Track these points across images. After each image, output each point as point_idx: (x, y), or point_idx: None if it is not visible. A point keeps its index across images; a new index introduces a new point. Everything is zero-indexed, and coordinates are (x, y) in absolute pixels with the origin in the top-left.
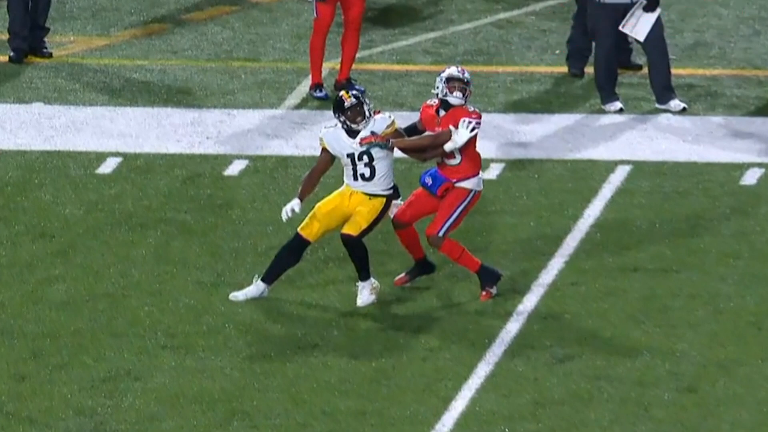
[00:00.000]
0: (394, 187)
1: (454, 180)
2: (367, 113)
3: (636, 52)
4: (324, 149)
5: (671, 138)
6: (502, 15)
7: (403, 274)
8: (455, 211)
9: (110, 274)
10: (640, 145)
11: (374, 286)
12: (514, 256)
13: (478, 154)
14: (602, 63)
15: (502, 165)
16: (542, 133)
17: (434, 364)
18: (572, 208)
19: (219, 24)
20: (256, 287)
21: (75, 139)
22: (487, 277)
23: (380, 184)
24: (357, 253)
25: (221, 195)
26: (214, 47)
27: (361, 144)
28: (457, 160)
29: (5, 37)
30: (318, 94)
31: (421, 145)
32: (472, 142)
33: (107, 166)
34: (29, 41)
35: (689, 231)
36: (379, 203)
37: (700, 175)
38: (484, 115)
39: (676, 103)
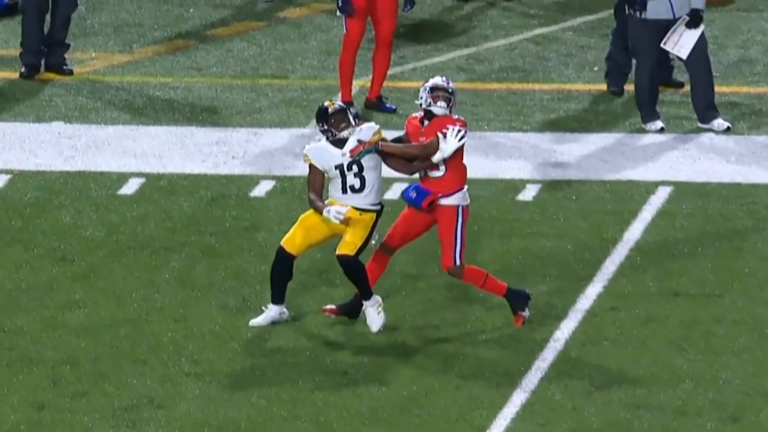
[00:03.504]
0: (382, 205)
1: (439, 194)
2: (351, 121)
3: (678, 70)
4: (311, 166)
5: (714, 158)
6: (539, 30)
7: (334, 306)
8: (456, 234)
9: (132, 298)
10: (682, 165)
11: (379, 303)
12: (551, 281)
13: (465, 167)
14: (643, 81)
15: (539, 186)
16: (580, 153)
17: (468, 392)
18: (611, 231)
19: (245, 40)
20: (272, 311)
21: (96, 159)
22: (517, 300)
23: (370, 197)
24: (355, 273)
25: (247, 217)
26: (240, 64)
27: (351, 155)
28: (442, 172)
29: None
30: None
31: (410, 153)
32: (459, 153)
33: (129, 187)
34: (49, 58)
35: (733, 254)
36: (370, 218)
37: (744, 197)
38: (520, 135)
39: (719, 123)
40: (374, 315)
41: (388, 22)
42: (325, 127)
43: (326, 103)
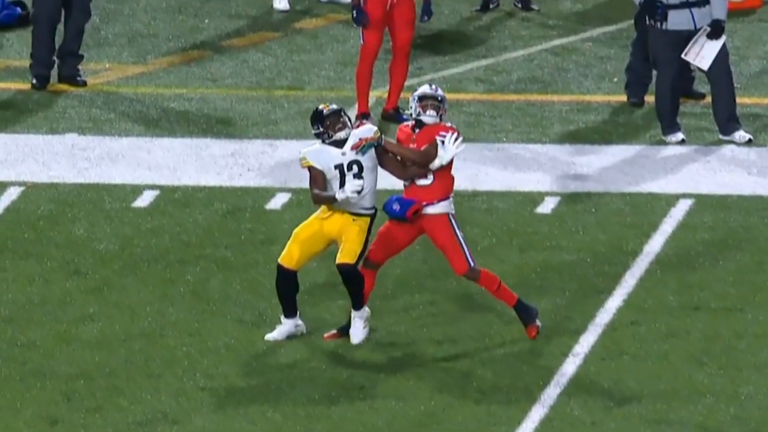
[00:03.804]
0: (376, 210)
1: (425, 202)
2: (347, 122)
3: (699, 81)
4: (311, 168)
5: (736, 170)
6: (558, 41)
7: (334, 331)
8: (457, 239)
9: (146, 312)
10: (703, 177)
11: (367, 317)
12: (570, 294)
13: (452, 177)
14: (664, 92)
15: (558, 198)
16: (600, 165)
17: (486, 408)
18: (631, 244)
19: (261, 51)
20: (286, 325)
21: (110, 171)
22: (527, 311)
23: (366, 200)
24: (355, 282)
25: (263, 230)
26: (255, 75)
27: (353, 149)
28: (430, 180)
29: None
30: None
31: (409, 155)
32: (449, 162)
33: (144, 200)
34: (62, 69)
35: (755, 268)
36: (365, 223)
37: (765, 209)
38: (538, 147)
39: (741, 135)
40: (360, 327)
41: (405, 32)
42: (321, 129)
43: (321, 106)
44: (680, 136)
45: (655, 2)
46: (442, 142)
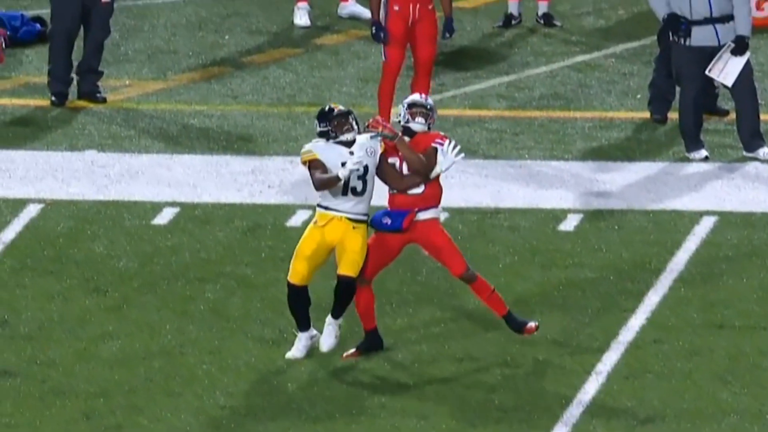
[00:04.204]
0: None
1: (416, 209)
2: (354, 126)
3: (723, 97)
4: (314, 160)
5: (760, 187)
6: (581, 58)
7: (353, 350)
8: (451, 242)
9: (166, 330)
10: (727, 195)
11: (340, 326)
12: (593, 312)
13: (441, 186)
14: (688, 108)
15: (580, 216)
16: (623, 182)
17: (508, 426)
18: (655, 262)
19: (281, 67)
20: (302, 339)
21: (130, 189)
22: (517, 322)
23: (364, 204)
24: (349, 295)
25: (283, 247)
26: (276, 91)
27: (372, 127)
28: (421, 189)
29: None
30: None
31: (416, 162)
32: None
33: (163, 217)
34: (82, 86)
35: None
36: (364, 230)
37: None
38: (561, 163)
39: (765, 151)
40: (332, 334)
41: (427, 48)
42: (328, 127)
43: (331, 105)
44: (704, 152)
45: (679, 18)
46: (440, 150)
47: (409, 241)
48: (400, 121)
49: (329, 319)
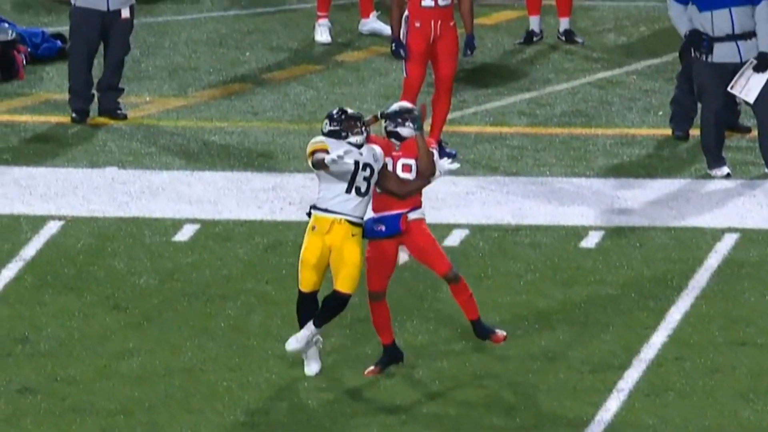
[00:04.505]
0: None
1: (405, 210)
2: (362, 131)
3: (744, 114)
4: (321, 150)
5: None
6: (602, 74)
7: (373, 366)
8: (436, 242)
9: (187, 347)
10: (749, 212)
11: (319, 336)
12: (615, 330)
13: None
14: (709, 125)
15: (602, 233)
16: (644, 199)
17: None
18: (676, 279)
19: (302, 84)
20: (299, 335)
21: (150, 205)
22: (484, 330)
23: (363, 206)
24: (336, 311)
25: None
26: (297, 108)
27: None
28: None
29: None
30: None
31: (428, 161)
32: None
33: (184, 234)
34: (102, 102)
35: None
36: (360, 238)
37: None
38: (582, 180)
39: None
40: (317, 358)
41: (448, 65)
42: (339, 127)
43: (341, 107)
44: (726, 170)
45: (701, 35)
46: (435, 154)
47: (400, 243)
48: (386, 127)
49: (310, 324)
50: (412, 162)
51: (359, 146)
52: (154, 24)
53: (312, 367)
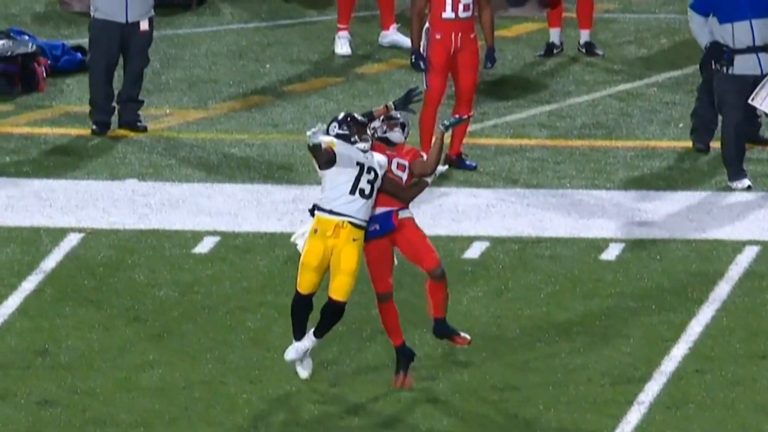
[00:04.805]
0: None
1: (395, 208)
2: (369, 138)
3: (766, 126)
4: (330, 150)
5: None
6: (623, 86)
7: (399, 375)
8: (426, 238)
9: (207, 359)
10: None
11: (316, 346)
12: (635, 342)
13: None
14: (730, 137)
15: (622, 245)
16: (665, 212)
17: None
18: (697, 292)
19: (322, 96)
20: (301, 348)
21: (170, 218)
22: (448, 330)
23: (367, 209)
24: (336, 319)
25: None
26: (317, 120)
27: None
28: None
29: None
30: None
31: (436, 159)
32: None
33: (204, 246)
34: (122, 115)
35: None
36: (361, 243)
37: None
38: (603, 193)
39: None
40: (306, 347)
41: (469, 77)
42: (348, 131)
43: (350, 112)
44: (746, 182)
45: (722, 47)
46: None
47: (392, 240)
48: (374, 134)
49: (310, 335)
50: (405, 162)
51: (365, 152)
52: (174, 36)
53: (304, 372)
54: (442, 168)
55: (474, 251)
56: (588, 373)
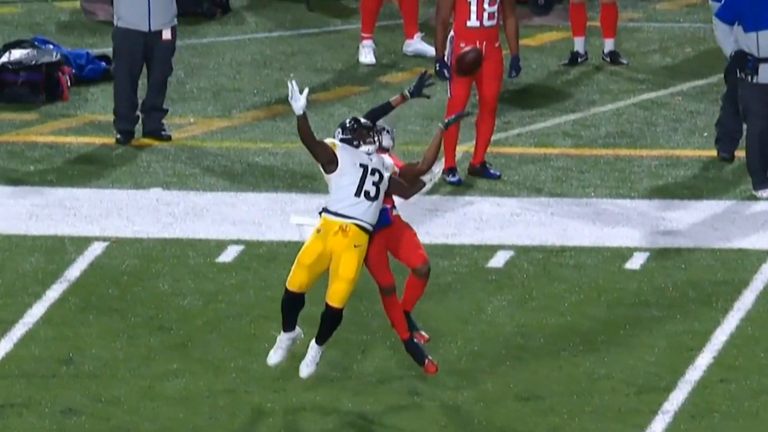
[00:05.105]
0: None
1: (389, 206)
2: (375, 141)
3: None
4: (329, 150)
5: None
6: (647, 95)
7: (427, 364)
8: (416, 235)
9: (231, 368)
10: None
11: (321, 353)
12: (659, 351)
13: None
14: (755, 146)
15: (647, 254)
16: (689, 221)
17: None
18: (722, 301)
19: (346, 105)
20: (285, 340)
21: (194, 227)
22: (412, 323)
23: (373, 212)
24: (335, 325)
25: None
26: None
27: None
28: None
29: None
30: (451, 178)
31: (434, 158)
32: None
33: (228, 255)
34: (146, 123)
35: None
36: (364, 251)
37: None
38: (627, 202)
39: None
40: (313, 362)
41: (492, 86)
42: (351, 136)
43: (356, 116)
44: None
45: (746, 55)
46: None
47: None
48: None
49: (313, 344)
50: (397, 169)
51: (369, 154)
52: (199, 45)
53: (274, 358)
54: (439, 172)
55: (498, 260)
56: (612, 382)
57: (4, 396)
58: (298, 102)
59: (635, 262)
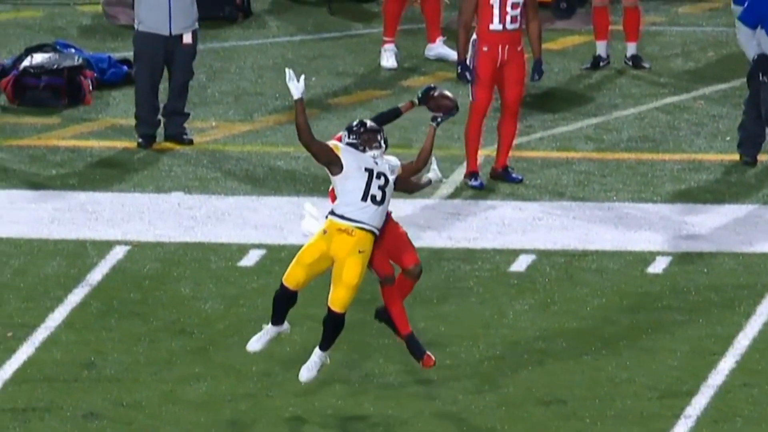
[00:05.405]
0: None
1: None
2: (381, 145)
3: None
4: (331, 153)
5: None
6: (669, 99)
7: (426, 356)
8: (408, 236)
9: (252, 372)
10: None
11: (326, 359)
12: (682, 356)
13: None
14: None
15: (669, 258)
16: (712, 225)
17: None
18: (745, 305)
19: (368, 109)
20: (270, 332)
21: (216, 230)
22: (389, 321)
23: (380, 215)
24: (337, 330)
25: (369, 289)
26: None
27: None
28: None
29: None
30: (473, 183)
31: (428, 156)
32: None
33: (249, 259)
34: (168, 127)
35: None
36: (366, 259)
37: None
38: (649, 206)
39: None
40: (315, 368)
41: (515, 90)
42: (357, 140)
43: (363, 120)
44: None
45: None
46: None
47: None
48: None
49: (317, 350)
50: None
51: (375, 158)
52: (220, 49)
53: (255, 345)
54: (438, 174)
55: (520, 264)
56: (634, 386)
57: (27, 400)
58: (298, 85)
59: (657, 267)
